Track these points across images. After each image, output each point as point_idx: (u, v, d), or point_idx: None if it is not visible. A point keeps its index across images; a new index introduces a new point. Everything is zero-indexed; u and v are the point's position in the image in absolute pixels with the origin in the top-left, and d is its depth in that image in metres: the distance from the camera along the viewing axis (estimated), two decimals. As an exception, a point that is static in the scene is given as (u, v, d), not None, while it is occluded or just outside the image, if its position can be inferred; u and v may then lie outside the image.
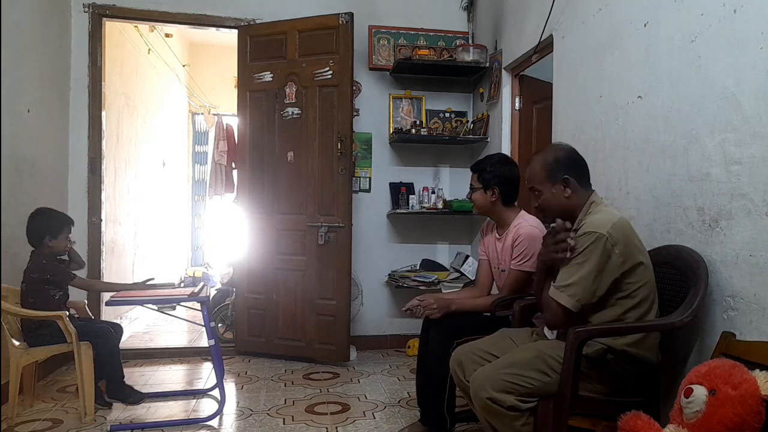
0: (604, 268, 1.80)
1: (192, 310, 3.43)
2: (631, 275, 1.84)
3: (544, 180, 2.00)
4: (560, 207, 1.98)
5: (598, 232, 1.80)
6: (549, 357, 1.85)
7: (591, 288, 1.80)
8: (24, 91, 3.25)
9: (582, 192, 1.99)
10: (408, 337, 4.23)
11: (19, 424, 2.73)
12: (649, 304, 1.87)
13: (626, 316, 1.85)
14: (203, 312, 2.92)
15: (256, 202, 4.01)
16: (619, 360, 1.85)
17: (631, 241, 1.85)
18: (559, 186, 1.97)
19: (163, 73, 6.44)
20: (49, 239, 2.94)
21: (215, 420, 2.83)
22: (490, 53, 4.06)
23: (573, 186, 1.96)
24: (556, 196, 1.98)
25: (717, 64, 1.90)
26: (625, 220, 1.92)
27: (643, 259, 1.87)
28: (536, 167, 2.02)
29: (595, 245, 1.79)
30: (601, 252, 1.79)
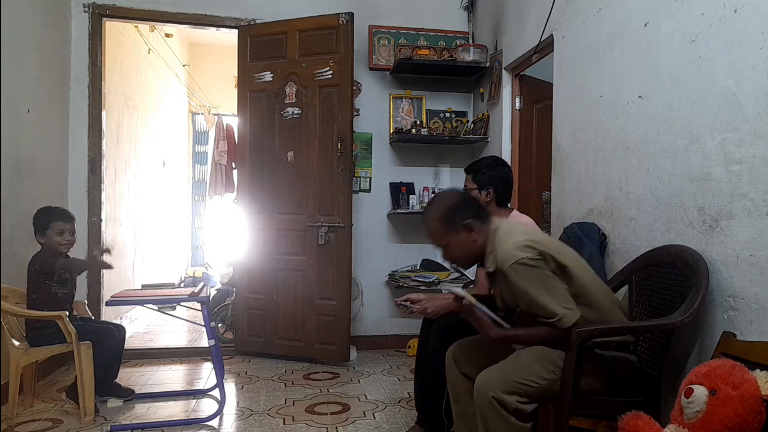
0: (548, 279, 1.80)
1: (192, 310, 3.43)
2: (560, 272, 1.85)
3: (445, 233, 1.95)
4: (472, 253, 1.96)
5: (516, 259, 1.78)
6: (551, 357, 1.85)
7: (562, 291, 1.81)
8: (24, 91, 3.25)
9: (485, 227, 1.94)
10: (408, 337, 4.22)
11: (19, 424, 2.73)
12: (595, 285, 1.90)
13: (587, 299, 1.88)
14: (203, 312, 2.92)
15: (256, 202, 4.00)
16: None
17: (541, 242, 1.86)
18: (463, 233, 1.92)
19: (163, 73, 6.44)
20: (39, 236, 2.91)
21: (215, 420, 2.83)
22: (490, 53, 4.06)
23: (476, 227, 1.92)
24: (463, 244, 1.93)
25: (717, 63, 1.90)
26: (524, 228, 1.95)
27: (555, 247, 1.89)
28: (433, 224, 1.97)
29: (527, 273, 1.79)
30: (537, 273, 1.79)
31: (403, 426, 2.74)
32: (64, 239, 2.93)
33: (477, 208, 1.99)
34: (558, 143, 3.06)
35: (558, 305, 1.79)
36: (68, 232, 2.95)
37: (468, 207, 1.97)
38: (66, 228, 2.94)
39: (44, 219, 2.91)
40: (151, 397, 3.16)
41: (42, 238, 2.90)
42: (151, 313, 5.04)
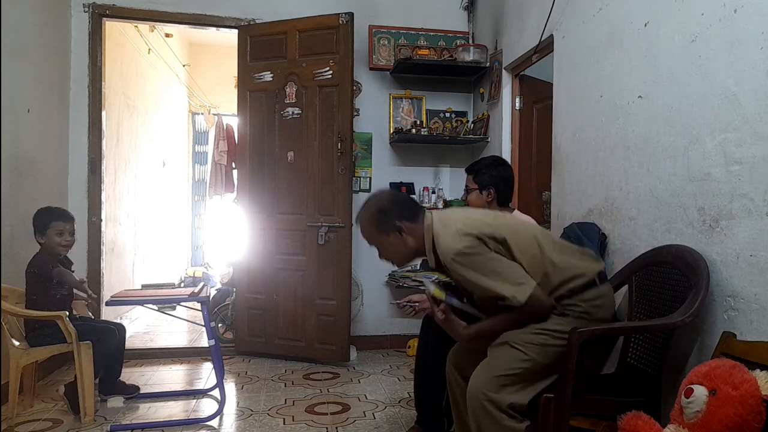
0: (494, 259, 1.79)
1: (192, 310, 3.43)
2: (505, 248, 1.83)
3: (377, 234, 1.96)
4: (404, 253, 1.96)
5: (460, 248, 1.78)
6: (520, 337, 1.83)
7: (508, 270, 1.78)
8: (24, 91, 3.25)
9: (417, 227, 1.93)
10: (408, 337, 4.22)
11: (19, 424, 2.73)
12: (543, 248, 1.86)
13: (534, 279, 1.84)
14: (203, 312, 2.92)
15: (256, 202, 4.00)
16: None
17: (480, 226, 1.84)
18: (394, 234, 1.93)
19: (163, 73, 6.44)
20: (39, 237, 2.91)
21: (215, 420, 2.83)
22: (490, 53, 4.06)
23: (407, 228, 1.92)
24: (395, 245, 1.94)
25: (717, 63, 1.90)
26: (462, 218, 1.90)
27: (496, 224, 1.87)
28: (366, 225, 1.99)
29: (472, 257, 1.78)
30: (479, 260, 1.78)
31: (403, 426, 2.74)
32: (64, 240, 2.93)
33: (408, 209, 1.97)
34: (558, 143, 3.06)
35: (506, 285, 1.77)
36: (68, 232, 2.95)
37: (398, 208, 1.95)
38: (66, 228, 2.94)
39: (44, 219, 2.91)
40: (151, 397, 3.16)
41: (41, 238, 2.90)
42: (151, 313, 5.04)
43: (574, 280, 1.86)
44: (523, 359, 1.81)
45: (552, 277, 1.85)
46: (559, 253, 1.90)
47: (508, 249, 1.83)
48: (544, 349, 1.82)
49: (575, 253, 1.97)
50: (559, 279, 1.85)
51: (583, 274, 1.87)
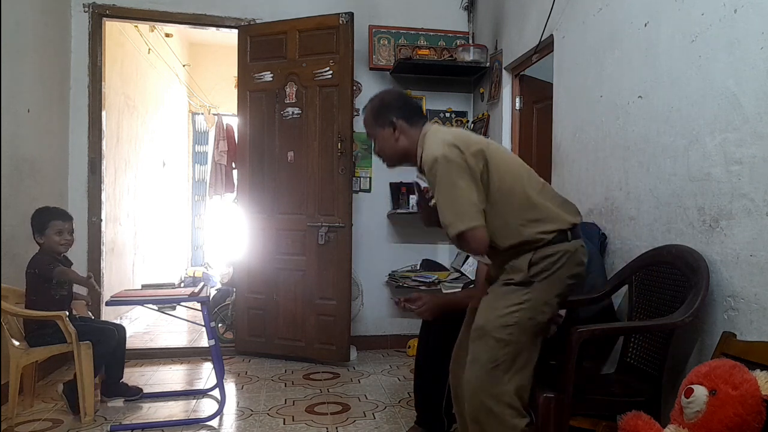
0: (466, 176, 1.77)
1: (192, 310, 3.43)
2: (490, 173, 1.82)
3: (373, 125, 2.02)
4: (393, 149, 2.00)
5: (438, 155, 1.78)
6: (493, 329, 1.80)
7: (472, 200, 1.77)
8: (24, 91, 3.25)
9: (412, 131, 1.97)
10: (408, 337, 4.22)
11: (19, 424, 2.72)
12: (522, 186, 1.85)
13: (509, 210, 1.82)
14: (203, 312, 2.92)
15: (256, 202, 4.00)
16: None
17: (470, 144, 1.83)
18: (388, 129, 1.98)
19: (163, 73, 6.44)
20: (38, 236, 2.90)
21: (215, 420, 2.83)
22: (490, 53, 4.06)
23: (401, 127, 1.96)
24: (387, 140, 1.99)
25: (717, 63, 1.90)
26: (456, 131, 1.92)
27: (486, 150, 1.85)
28: (367, 114, 2.05)
29: (447, 168, 1.77)
30: (453, 169, 1.77)
31: (403, 426, 2.74)
32: (63, 239, 2.92)
33: (409, 111, 2.00)
34: (558, 143, 3.06)
35: (449, 211, 1.77)
36: (67, 231, 2.94)
37: (400, 107, 1.99)
38: (65, 227, 2.93)
39: (43, 219, 2.90)
40: (151, 397, 3.16)
41: (41, 238, 2.89)
42: (151, 313, 5.04)
43: (543, 222, 1.82)
44: (506, 345, 1.78)
45: (525, 212, 1.82)
46: (539, 193, 1.88)
47: (487, 168, 1.82)
48: (522, 326, 1.78)
49: (556, 198, 1.93)
50: (531, 216, 1.82)
51: (555, 220, 1.83)
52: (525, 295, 1.80)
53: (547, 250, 1.81)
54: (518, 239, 1.82)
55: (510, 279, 1.84)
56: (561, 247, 1.81)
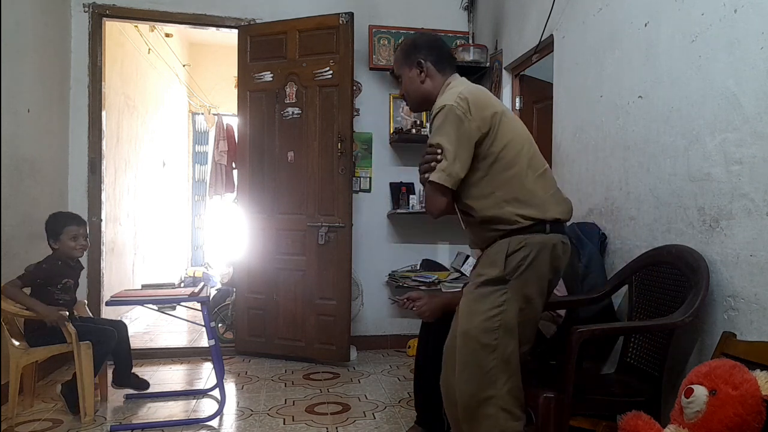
0: (462, 135, 1.75)
1: (192, 310, 3.43)
2: (491, 138, 1.79)
3: (402, 64, 2.01)
4: (417, 91, 1.99)
5: (446, 104, 1.78)
6: (477, 334, 1.78)
7: (458, 159, 1.74)
8: (24, 91, 3.25)
9: (439, 77, 1.96)
10: (408, 337, 4.22)
11: (19, 424, 2.72)
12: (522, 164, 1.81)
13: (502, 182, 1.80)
14: (203, 312, 2.92)
15: (256, 202, 4.00)
16: None
17: (484, 105, 1.80)
18: (415, 70, 1.97)
19: (163, 73, 6.44)
20: (53, 242, 2.91)
21: (215, 420, 2.83)
22: (490, 53, 4.06)
23: (428, 70, 1.96)
24: (413, 81, 1.98)
25: (717, 63, 1.90)
26: (475, 88, 1.88)
27: (500, 117, 1.82)
28: (398, 53, 2.04)
29: (445, 117, 1.77)
30: (453, 121, 1.75)
31: (403, 426, 2.74)
32: (78, 244, 2.94)
33: (441, 57, 1.98)
34: (558, 143, 3.06)
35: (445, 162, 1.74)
36: (82, 236, 2.96)
37: (432, 51, 1.98)
38: (79, 232, 2.95)
39: (57, 224, 2.91)
40: (151, 397, 3.16)
41: (55, 243, 2.90)
42: (151, 313, 5.04)
43: (526, 206, 1.79)
44: (494, 350, 1.76)
45: (514, 190, 1.79)
46: (537, 177, 1.83)
47: (495, 134, 1.79)
48: (507, 328, 1.76)
49: (550, 188, 1.87)
50: (518, 195, 1.79)
51: (537, 207, 1.79)
52: (503, 295, 1.77)
53: (522, 242, 1.77)
54: (495, 214, 1.79)
55: (485, 275, 1.80)
56: (536, 239, 1.78)
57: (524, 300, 1.77)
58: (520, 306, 1.77)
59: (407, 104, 2.11)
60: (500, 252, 1.79)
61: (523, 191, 1.80)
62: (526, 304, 1.78)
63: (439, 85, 1.96)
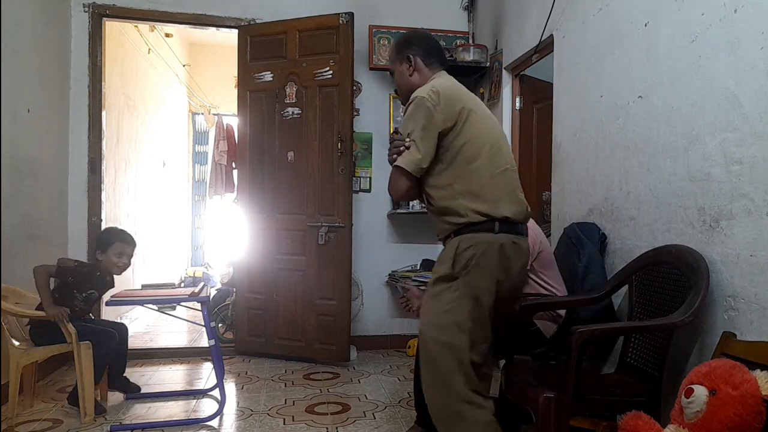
0: (429, 126, 1.84)
1: (192, 310, 3.43)
2: (456, 132, 1.86)
3: (394, 59, 2.11)
4: (406, 85, 2.07)
5: (419, 96, 1.87)
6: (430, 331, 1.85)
7: (424, 148, 1.83)
8: (24, 91, 3.25)
9: (426, 71, 2.05)
10: (408, 337, 4.22)
11: (19, 424, 2.72)
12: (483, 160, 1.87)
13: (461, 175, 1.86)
14: (203, 312, 2.92)
15: (256, 202, 4.00)
16: None
17: (454, 100, 1.88)
18: (405, 64, 2.06)
19: (163, 73, 6.44)
20: (99, 254, 3.00)
21: (215, 420, 2.83)
22: (490, 53, 4.06)
23: (416, 64, 2.05)
24: (403, 74, 2.08)
25: (717, 63, 1.90)
26: (451, 84, 1.97)
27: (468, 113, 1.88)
28: (391, 48, 2.15)
29: (416, 108, 1.86)
30: (423, 112, 1.84)
31: (403, 426, 2.74)
32: (122, 261, 3.04)
33: (430, 52, 2.07)
34: (558, 143, 3.06)
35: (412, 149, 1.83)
36: (126, 255, 3.05)
37: (422, 47, 2.07)
38: (125, 251, 3.04)
39: (108, 238, 3.03)
40: (151, 397, 3.16)
41: (101, 255, 2.99)
42: (151, 313, 5.04)
43: (479, 201, 1.84)
44: (449, 347, 1.81)
45: (470, 185, 1.86)
46: (495, 175, 1.89)
47: (461, 129, 1.86)
48: (460, 325, 1.81)
49: (507, 188, 1.93)
50: (473, 189, 1.86)
51: (490, 204, 1.85)
52: (455, 292, 1.82)
53: (471, 241, 1.83)
54: (450, 205, 1.87)
55: (438, 272, 1.88)
56: (484, 238, 1.84)
57: (473, 298, 1.82)
58: (471, 304, 1.82)
59: (398, 96, 2.18)
60: (450, 250, 1.86)
61: (478, 186, 1.86)
62: (476, 303, 1.83)
63: (426, 78, 2.04)
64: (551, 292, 2.47)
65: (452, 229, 1.88)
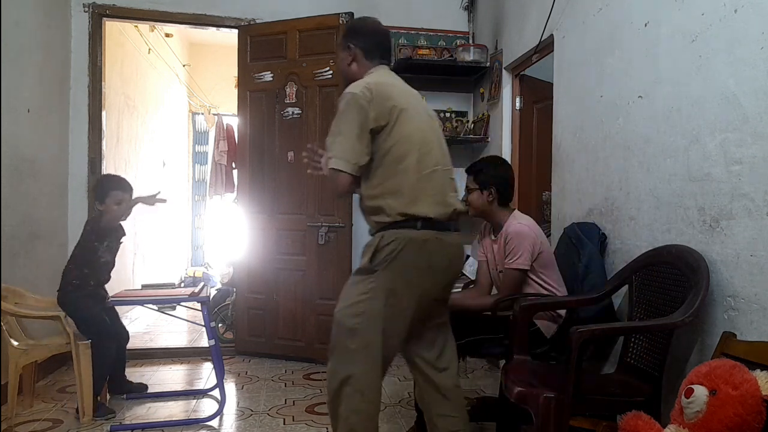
0: (362, 123, 1.83)
1: (192, 310, 3.43)
2: (387, 132, 1.85)
3: (341, 43, 2.11)
4: (344, 72, 2.10)
5: (352, 92, 1.85)
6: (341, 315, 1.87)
7: (358, 146, 1.83)
8: (24, 91, 3.25)
9: (365, 64, 2.04)
10: (408, 337, 4.21)
11: (19, 424, 2.72)
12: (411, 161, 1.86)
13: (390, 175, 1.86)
14: (203, 312, 2.92)
15: (257, 202, 4.00)
16: None
17: (386, 98, 1.87)
18: (345, 52, 2.07)
19: (163, 73, 6.44)
20: (98, 204, 3.02)
21: (215, 420, 2.83)
22: (490, 53, 4.06)
23: (355, 55, 2.04)
24: (342, 61, 2.09)
25: (718, 63, 1.90)
26: (386, 81, 1.95)
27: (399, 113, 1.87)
28: (342, 32, 2.14)
29: (348, 105, 1.84)
30: (356, 109, 1.83)
31: (403, 426, 2.74)
32: (122, 208, 3.04)
33: (371, 45, 2.06)
34: (558, 143, 3.06)
35: (335, 145, 1.84)
36: (126, 202, 3.05)
37: (366, 38, 2.07)
38: (124, 197, 3.03)
39: (104, 188, 3.03)
40: (151, 397, 3.17)
41: (101, 205, 3.01)
42: (151, 313, 5.04)
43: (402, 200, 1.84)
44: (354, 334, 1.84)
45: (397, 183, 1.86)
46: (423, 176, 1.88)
47: (391, 128, 1.86)
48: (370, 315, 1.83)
49: (434, 188, 1.92)
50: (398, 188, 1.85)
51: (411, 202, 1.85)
52: (371, 284, 1.84)
53: (393, 237, 1.84)
54: (377, 204, 1.88)
55: (360, 264, 1.90)
56: (405, 234, 1.84)
57: (390, 292, 1.83)
58: (386, 297, 1.83)
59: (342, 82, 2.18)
60: (372, 245, 1.88)
61: (403, 186, 1.86)
62: (393, 297, 1.83)
63: (364, 71, 2.03)
64: (551, 292, 2.48)
65: (378, 226, 1.90)
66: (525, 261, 2.43)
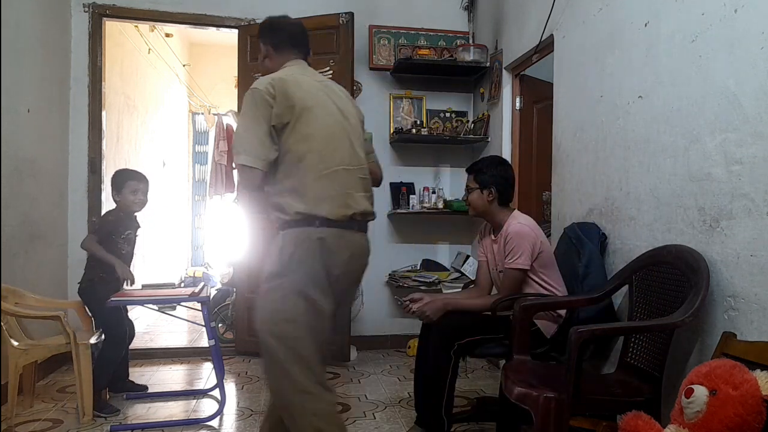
0: (266, 119, 1.80)
1: (192, 310, 3.43)
2: (289, 129, 1.83)
3: (259, 37, 2.11)
4: (261, 66, 2.10)
5: (256, 88, 1.84)
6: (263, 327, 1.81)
7: (267, 140, 1.80)
8: (24, 91, 3.25)
9: (277, 58, 2.04)
10: (408, 337, 4.22)
11: (19, 424, 2.72)
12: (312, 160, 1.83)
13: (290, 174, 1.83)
14: (203, 312, 2.92)
15: (256, 202, 3.99)
16: None
17: (290, 95, 1.83)
18: (262, 47, 2.08)
19: (163, 73, 6.44)
20: (115, 195, 3.09)
21: (215, 420, 2.83)
22: (490, 53, 4.06)
23: (267, 51, 2.06)
24: (259, 60, 2.12)
25: (718, 63, 1.90)
26: (291, 77, 1.91)
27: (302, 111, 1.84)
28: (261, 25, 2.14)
29: (252, 101, 1.82)
30: (259, 105, 1.80)
31: (403, 426, 2.74)
32: (137, 198, 3.11)
33: (280, 40, 2.05)
34: (558, 143, 3.06)
35: (241, 142, 1.81)
36: (141, 191, 3.13)
37: (275, 34, 2.06)
38: (140, 188, 3.12)
39: (120, 179, 3.11)
40: (151, 397, 3.17)
41: (117, 196, 3.09)
42: (151, 313, 5.04)
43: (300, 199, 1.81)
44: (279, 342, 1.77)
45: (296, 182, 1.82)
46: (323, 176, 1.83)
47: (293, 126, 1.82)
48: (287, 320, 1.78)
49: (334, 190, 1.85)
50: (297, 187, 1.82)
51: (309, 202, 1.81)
52: (282, 289, 1.80)
53: (291, 236, 1.82)
54: (277, 201, 1.86)
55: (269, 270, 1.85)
56: (303, 234, 1.81)
57: (300, 293, 1.79)
58: (297, 298, 1.79)
59: None
60: (275, 247, 1.85)
61: (301, 186, 1.83)
62: (303, 297, 1.79)
63: (277, 66, 2.03)
64: (551, 292, 2.48)
65: (278, 225, 1.88)
66: (525, 261, 2.43)
